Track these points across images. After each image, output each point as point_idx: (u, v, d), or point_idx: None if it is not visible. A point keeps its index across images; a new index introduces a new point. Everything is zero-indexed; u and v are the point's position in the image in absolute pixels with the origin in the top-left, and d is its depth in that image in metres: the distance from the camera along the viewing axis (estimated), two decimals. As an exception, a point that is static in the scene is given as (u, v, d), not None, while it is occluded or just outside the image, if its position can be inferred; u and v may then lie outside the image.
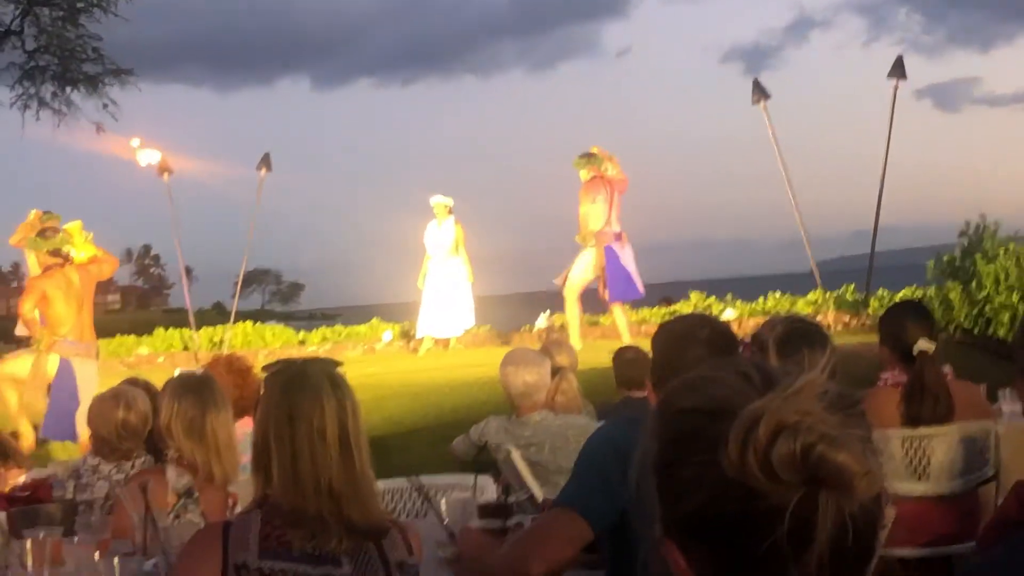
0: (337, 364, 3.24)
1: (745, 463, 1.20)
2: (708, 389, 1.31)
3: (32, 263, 16.81)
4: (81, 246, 12.47)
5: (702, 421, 1.27)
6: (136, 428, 5.62)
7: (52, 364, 11.70)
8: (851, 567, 1.24)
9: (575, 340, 14.14)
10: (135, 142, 19.85)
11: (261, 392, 3.20)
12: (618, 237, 15.45)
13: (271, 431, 3.07)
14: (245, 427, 5.49)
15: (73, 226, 12.76)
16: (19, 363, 12.16)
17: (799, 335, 3.97)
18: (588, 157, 15.54)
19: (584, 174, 15.55)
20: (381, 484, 4.41)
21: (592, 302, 16.34)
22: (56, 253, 12.47)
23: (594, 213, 15.39)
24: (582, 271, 15.53)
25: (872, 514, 1.23)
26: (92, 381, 11.28)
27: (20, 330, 15.54)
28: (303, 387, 3.08)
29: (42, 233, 12.77)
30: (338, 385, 3.12)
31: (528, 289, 16.08)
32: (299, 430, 3.03)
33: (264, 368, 3.25)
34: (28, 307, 12.08)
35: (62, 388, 11.40)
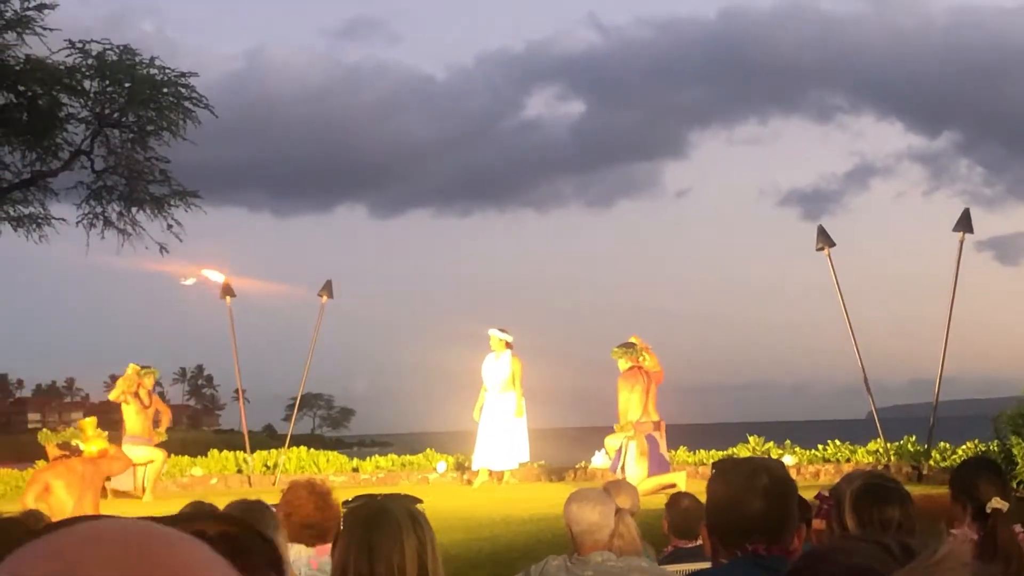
0: (417, 501, 3.24)
1: None
2: (847, 559, 1.33)
3: (128, 417, 17.21)
4: (92, 441, 12.70)
5: None
6: None
7: None
8: None
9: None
10: (213, 274, 20.26)
11: (341, 525, 3.19)
12: (657, 426, 15.67)
13: (351, 567, 3.05)
14: (322, 554, 5.45)
15: (87, 422, 13.11)
16: None
17: (876, 492, 3.93)
18: (627, 347, 15.80)
19: (623, 364, 15.76)
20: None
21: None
22: (65, 446, 12.72)
23: (633, 403, 15.59)
24: (636, 467, 15.38)
25: None
26: None
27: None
28: (383, 524, 3.06)
29: (54, 428, 13.21)
30: (418, 522, 3.11)
31: (583, 424, 16.05)
32: (378, 567, 3.01)
33: (344, 503, 3.25)
34: (30, 499, 12.18)
35: None
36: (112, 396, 17.40)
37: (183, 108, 23.91)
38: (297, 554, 5.35)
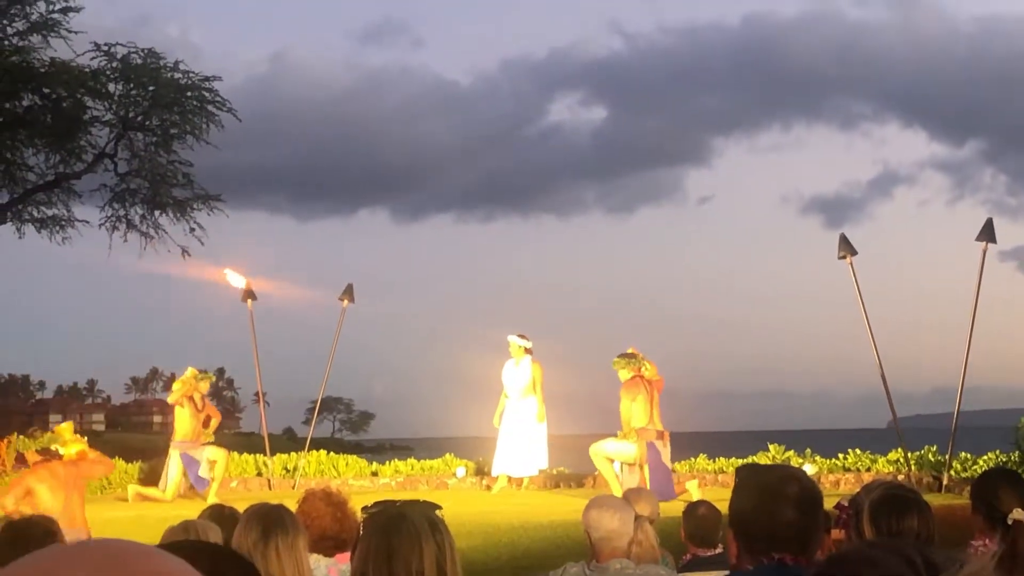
0: (436, 507, 3.24)
1: None
2: (872, 570, 1.33)
3: (180, 420, 17.54)
4: (70, 445, 12.78)
5: None
6: None
7: None
8: None
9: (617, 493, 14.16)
10: (235, 278, 20.29)
11: (360, 530, 3.19)
12: (660, 435, 15.73)
13: (370, 573, 3.05)
14: (342, 563, 5.44)
15: (64, 427, 13.26)
16: None
17: (895, 502, 3.92)
18: (627, 358, 15.85)
19: (624, 374, 15.82)
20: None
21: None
22: (44, 451, 12.76)
23: (636, 411, 15.62)
24: (618, 450, 15.70)
25: None
26: None
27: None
28: (402, 530, 3.07)
29: (31, 434, 13.26)
30: (437, 528, 3.11)
31: (603, 430, 16.01)
32: (398, 573, 3.01)
33: (363, 509, 3.25)
34: (10, 502, 12.16)
35: None
36: (171, 399, 17.64)
37: (207, 112, 24.06)
38: (316, 563, 5.34)
